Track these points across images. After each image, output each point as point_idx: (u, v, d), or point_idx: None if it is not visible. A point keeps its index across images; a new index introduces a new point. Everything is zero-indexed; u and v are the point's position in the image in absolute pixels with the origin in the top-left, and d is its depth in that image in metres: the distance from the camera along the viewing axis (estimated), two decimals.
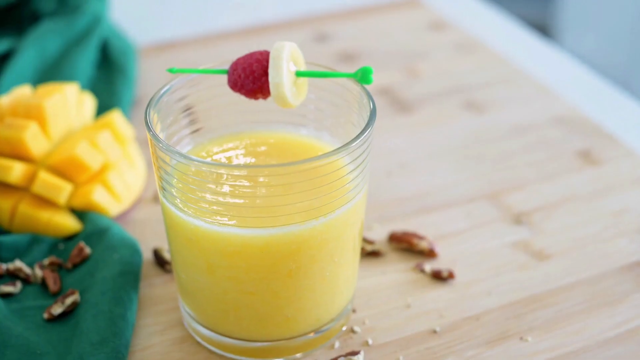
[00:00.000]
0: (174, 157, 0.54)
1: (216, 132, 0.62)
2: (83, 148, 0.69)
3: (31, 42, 0.87)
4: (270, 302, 0.57)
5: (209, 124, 0.62)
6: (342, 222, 0.56)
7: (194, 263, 0.57)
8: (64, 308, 0.62)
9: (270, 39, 0.97)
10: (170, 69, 0.58)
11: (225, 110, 0.62)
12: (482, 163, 0.78)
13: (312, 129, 0.62)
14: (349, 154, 0.54)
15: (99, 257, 0.65)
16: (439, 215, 0.72)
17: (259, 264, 0.55)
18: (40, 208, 0.69)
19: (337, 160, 0.54)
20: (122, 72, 0.85)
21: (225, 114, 0.62)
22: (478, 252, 0.68)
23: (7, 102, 0.72)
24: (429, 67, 0.91)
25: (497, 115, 0.84)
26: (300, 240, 0.55)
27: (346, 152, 0.54)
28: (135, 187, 0.73)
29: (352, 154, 0.54)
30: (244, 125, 0.63)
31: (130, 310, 0.61)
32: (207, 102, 0.61)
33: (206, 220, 0.55)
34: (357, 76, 0.56)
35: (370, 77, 0.56)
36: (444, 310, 0.63)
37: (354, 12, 1.03)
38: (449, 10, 1.04)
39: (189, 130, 0.61)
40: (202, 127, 0.62)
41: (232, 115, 0.62)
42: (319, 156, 0.53)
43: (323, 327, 0.60)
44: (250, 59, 0.57)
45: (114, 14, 0.99)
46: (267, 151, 0.61)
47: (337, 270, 0.58)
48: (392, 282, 0.65)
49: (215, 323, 0.59)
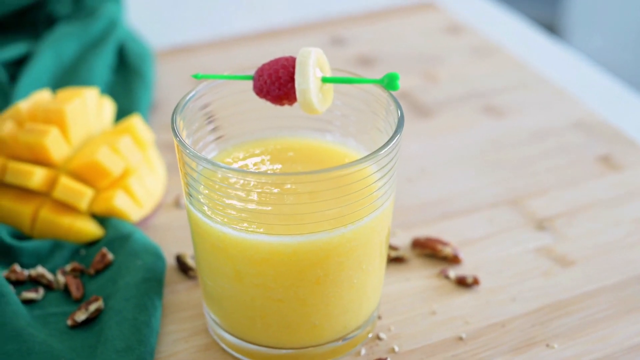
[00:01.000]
0: (201, 163, 0.54)
1: (240, 138, 0.62)
2: (104, 153, 0.68)
3: (48, 46, 0.86)
4: (297, 310, 0.57)
5: (233, 130, 0.62)
6: (371, 229, 0.56)
7: (220, 270, 0.57)
8: (87, 315, 0.62)
9: (286, 43, 0.97)
10: (195, 75, 0.58)
11: (250, 116, 0.62)
12: (503, 168, 0.77)
13: (337, 135, 0.62)
14: (378, 161, 0.54)
15: (121, 263, 0.65)
16: (462, 221, 0.71)
17: (287, 272, 0.55)
18: (61, 213, 0.68)
19: (367, 167, 0.53)
20: (139, 76, 0.85)
21: (249, 120, 0.62)
22: (501, 258, 0.68)
23: (27, 107, 0.72)
24: (446, 72, 0.91)
25: (516, 120, 0.84)
26: (329, 247, 0.55)
27: (376, 159, 0.53)
28: (155, 192, 0.72)
29: (381, 161, 0.54)
30: (268, 131, 0.63)
31: (155, 317, 0.61)
32: (231, 108, 0.61)
33: (234, 228, 0.54)
34: (383, 82, 0.56)
35: (397, 83, 0.56)
36: (469, 317, 0.63)
37: (369, 16, 1.03)
38: (464, 13, 1.04)
39: (214, 136, 0.61)
40: (227, 133, 0.62)
41: (257, 121, 0.62)
42: (349, 164, 0.52)
43: (350, 334, 0.59)
44: (276, 65, 0.57)
45: (129, 17, 0.99)
46: (293, 157, 0.61)
47: (364, 278, 0.57)
48: (416, 288, 0.65)
49: (241, 330, 0.59)
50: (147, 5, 1.06)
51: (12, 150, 0.70)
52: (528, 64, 0.93)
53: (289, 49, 0.96)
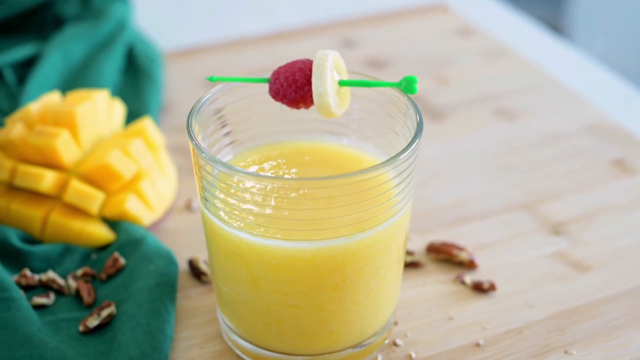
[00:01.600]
0: (218, 167, 0.53)
1: (255, 142, 0.61)
2: (115, 156, 0.67)
3: (56, 47, 0.85)
4: (314, 316, 0.56)
5: (248, 133, 0.61)
6: (389, 234, 0.55)
7: (236, 275, 0.56)
8: (99, 320, 0.61)
9: (295, 44, 0.96)
10: (210, 77, 0.57)
11: (265, 119, 0.61)
12: (517, 172, 0.77)
13: (354, 138, 0.61)
14: (397, 165, 0.53)
15: (134, 268, 0.64)
16: (476, 225, 0.71)
17: (304, 277, 0.54)
18: (72, 217, 0.67)
19: (386, 172, 0.53)
20: (149, 78, 0.84)
21: (264, 123, 0.61)
22: (517, 263, 0.67)
23: (37, 109, 0.71)
24: (457, 74, 0.90)
25: (529, 123, 0.83)
26: (347, 253, 0.54)
27: (395, 164, 0.52)
28: (167, 195, 0.71)
29: (400, 166, 0.53)
30: (283, 134, 0.62)
31: (169, 323, 0.60)
32: (246, 111, 0.60)
33: (251, 233, 0.53)
34: (401, 85, 0.55)
35: (415, 86, 0.55)
36: (486, 323, 0.62)
37: (378, 18, 1.02)
38: (474, 16, 1.03)
39: (229, 139, 0.60)
40: (242, 136, 0.61)
41: (272, 124, 0.61)
42: (369, 169, 0.52)
43: (366, 340, 0.59)
44: (293, 68, 0.56)
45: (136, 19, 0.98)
46: (309, 161, 0.60)
47: (382, 283, 0.57)
48: (432, 293, 0.64)
49: (257, 336, 0.58)
50: (155, 7, 1.05)
51: (22, 153, 0.69)
52: (539, 67, 0.92)
53: (299, 51, 0.95)
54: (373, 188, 0.53)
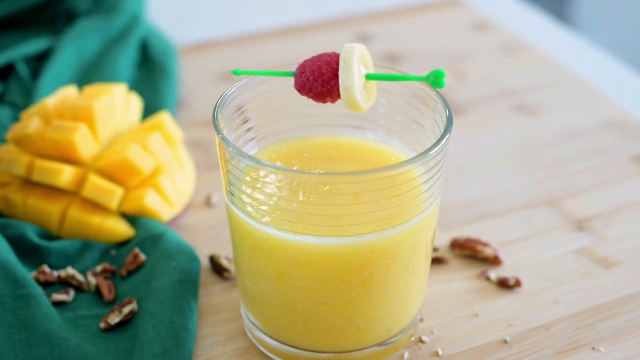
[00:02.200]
0: (245, 160, 0.52)
1: (280, 136, 0.60)
2: (135, 151, 0.66)
3: (69, 41, 0.84)
4: (342, 313, 0.55)
5: (272, 127, 0.60)
6: (418, 230, 0.54)
7: (263, 272, 0.55)
8: (121, 317, 0.60)
9: (310, 39, 0.96)
10: (235, 71, 0.56)
11: (290, 113, 0.60)
12: (538, 168, 0.76)
13: (380, 133, 0.60)
14: (428, 161, 0.52)
15: (154, 264, 0.63)
16: (499, 221, 0.70)
17: (332, 274, 0.53)
18: (90, 213, 0.66)
19: (418, 168, 0.52)
20: (164, 72, 0.83)
21: (289, 118, 0.60)
22: (542, 260, 0.66)
23: (53, 103, 0.70)
24: (475, 69, 0.90)
25: (548, 119, 0.83)
26: (376, 249, 0.53)
27: (426, 159, 0.52)
28: (185, 191, 0.70)
29: (431, 161, 0.52)
30: (307, 129, 0.61)
31: (192, 320, 0.59)
32: (271, 105, 0.59)
33: (279, 228, 0.53)
34: (429, 79, 0.55)
35: (443, 80, 0.54)
36: (512, 320, 0.61)
37: (393, 12, 1.01)
38: (489, 10, 1.02)
39: (253, 133, 0.59)
40: (266, 130, 0.60)
41: (296, 118, 0.60)
42: (400, 164, 0.51)
43: (393, 337, 0.58)
44: (319, 61, 0.55)
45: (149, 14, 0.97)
46: (335, 156, 0.59)
47: (410, 279, 0.56)
48: (457, 290, 0.64)
49: (282, 333, 0.57)
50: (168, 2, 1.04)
51: (39, 147, 0.68)
52: (557, 62, 0.91)
53: (314, 45, 0.94)
54: (404, 183, 0.52)
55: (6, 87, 0.82)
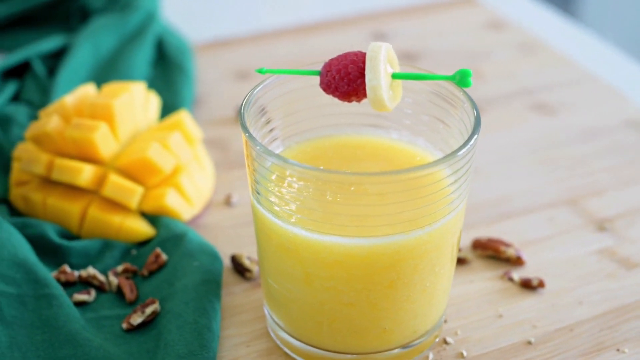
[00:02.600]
0: (272, 159, 0.51)
1: (304, 135, 0.60)
2: (155, 150, 0.66)
3: (85, 39, 0.84)
4: (368, 314, 0.55)
5: (297, 126, 0.60)
6: (446, 230, 0.54)
7: (289, 272, 0.55)
8: (143, 318, 0.59)
9: (326, 37, 0.95)
10: (260, 70, 0.56)
11: (314, 112, 0.60)
12: (558, 168, 0.76)
13: (405, 133, 0.60)
14: (457, 161, 0.52)
15: (176, 264, 0.63)
16: (520, 221, 0.70)
17: (360, 275, 0.53)
18: (111, 212, 0.66)
19: (447, 168, 0.52)
20: (181, 70, 0.83)
21: (313, 117, 0.60)
22: (564, 260, 0.66)
23: (72, 102, 0.70)
24: (492, 68, 0.89)
25: (567, 118, 0.82)
26: (404, 250, 0.53)
27: (454, 160, 0.51)
28: (205, 190, 0.70)
29: (459, 162, 0.52)
30: (331, 128, 0.61)
31: (215, 321, 0.59)
32: (296, 104, 0.59)
33: (306, 228, 0.52)
34: (455, 79, 0.54)
35: (470, 80, 0.54)
36: (536, 321, 0.61)
37: (408, 11, 1.01)
38: (504, 9, 1.02)
39: (278, 132, 0.59)
40: (291, 129, 0.59)
41: (321, 118, 0.60)
42: (428, 164, 0.50)
43: (418, 339, 0.57)
44: (345, 60, 0.54)
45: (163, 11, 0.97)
46: (361, 156, 0.59)
47: (436, 280, 0.55)
48: (480, 290, 0.63)
49: (307, 334, 0.57)
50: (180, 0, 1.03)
51: (58, 146, 0.67)
52: (574, 60, 0.91)
53: (330, 43, 0.94)
54: (433, 184, 0.51)
55: (22, 85, 0.82)
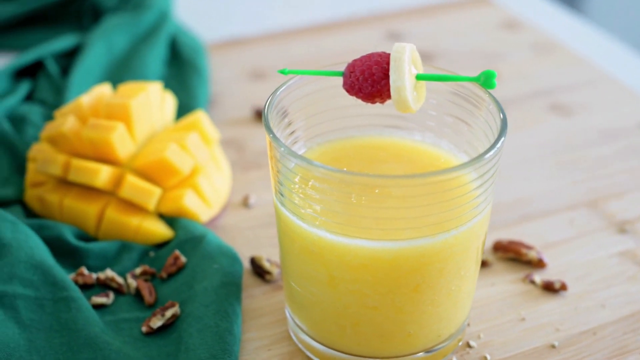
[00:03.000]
0: (296, 161, 0.51)
1: (325, 137, 0.59)
2: (173, 151, 0.65)
3: (98, 38, 0.83)
4: (393, 318, 0.54)
5: (319, 127, 0.59)
6: (472, 233, 0.53)
7: (313, 275, 0.54)
8: (163, 321, 0.59)
9: (340, 36, 0.94)
10: (282, 70, 0.55)
11: (336, 113, 0.59)
12: (577, 169, 0.75)
13: (429, 134, 0.59)
14: (483, 165, 0.51)
15: (196, 266, 0.62)
16: (541, 223, 0.69)
17: (385, 278, 0.52)
18: (128, 213, 0.65)
19: (474, 171, 0.51)
20: (195, 70, 0.82)
21: (335, 118, 0.59)
22: (586, 263, 0.65)
23: (88, 102, 0.69)
24: (508, 68, 0.88)
25: (585, 119, 0.82)
26: (430, 253, 0.52)
27: (481, 163, 0.51)
28: (222, 191, 0.69)
29: (486, 165, 0.51)
30: (353, 130, 0.60)
31: (237, 324, 0.58)
32: (317, 105, 0.58)
33: (331, 231, 0.52)
34: (479, 80, 0.54)
35: (494, 81, 0.53)
36: (559, 324, 0.60)
37: (422, 10, 1.00)
38: (518, 9, 1.01)
39: (300, 133, 0.58)
40: (313, 130, 0.59)
41: (343, 119, 0.59)
42: (458, 167, 0.50)
43: (442, 342, 0.57)
44: (369, 61, 0.54)
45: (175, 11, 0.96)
46: (385, 158, 0.58)
47: (461, 284, 0.55)
48: (502, 293, 0.63)
49: (330, 338, 0.56)
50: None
51: (74, 146, 0.67)
52: (591, 61, 0.90)
53: (345, 43, 0.93)
54: (459, 187, 0.51)
55: (35, 85, 0.81)
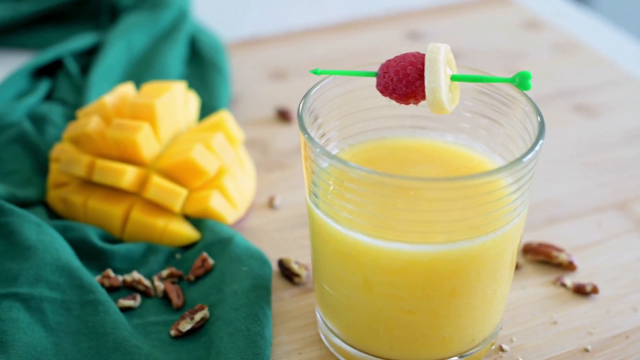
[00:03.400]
0: (332, 161, 0.50)
1: (357, 138, 0.59)
2: (199, 151, 0.65)
3: (118, 37, 0.82)
4: (428, 322, 0.53)
5: (351, 129, 0.58)
6: (509, 236, 0.52)
7: (347, 278, 0.53)
8: (192, 324, 0.58)
9: (360, 36, 0.94)
10: (314, 70, 0.54)
11: (367, 114, 0.58)
12: (603, 171, 0.74)
13: (462, 136, 0.58)
14: (522, 168, 0.50)
15: (224, 269, 0.61)
16: (569, 225, 0.68)
17: (422, 282, 0.52)
18: (154, 215, 0.64)
19: (513, 174, 0.50)
20: (216, 69, 0.81)
21: (367, 119, 0.58)
22: (616, 265, 0.65)
23: (112, 101, 0.68)
24: (530, 68, 0.88)
25: (610, 119, 0.81)
26: (468, 257, 0.51)
27: (520, 166, 0.50)
28: (248, 192, 0.69)
29: (525, 168, 0.51)
30: (384, 131, 0.59)
31: (267, 328, 0.57)
32: (349, 106, 0.57)
33: (368, 234, 0.51)
34: (514, 81, 0.53)
35: (529, 82, 0.53)
36: (592, 328, 0.60)
37: (443, 9, 0.99)
38: (538, 8, 1.00)
39: (332, 134, 0.57)
40: (345, 131, 0.58)
41: (374, 120, 0.59)
42: (496, 170, 0.49)
43: (476, 347, 0.56)
44: (404, 62, 0.53)
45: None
46: (417, 159, 0.58)
47: (497, 288, 0.54)
48: (533, 296, 0.62)
49: (363, 341, 0.55)
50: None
51: (99, 147, 0.66)
52: (614, 61, 0.90)
53: (365, 42, 0.93)
54: (499, 190, 0.50)
55: (55, 84, 0.80)
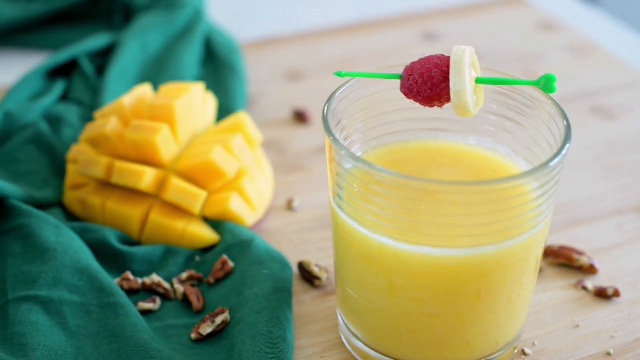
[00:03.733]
0: (356, 164, 0.50)
1: (380, 140, 0.58)
2: (218, 153, 0.64)
3: (132, 37, 0.82)
4: (452, 325, 0.53)
5: (374, 131, 0.58)
6: (535, 241, 0.52)
7: (371, 282, 0.53)
8: (213, 327, 0.57)
9: (375, 36, 0.93)
10: (338, 72, 0.54)
11: (390, 116, 0.58)
12: (622, 173, 0.74)
13: (486, 139, 0.58)
14: (549, 172, 0.50)
15: (244, 271, 0.61)
16: (589, 228, 0.68)
17: (447, 285, 0.51)
18: (173, 217, 0.64)
19: (540, 178, 0.50)
20: (231, 70, 0.81)
21: (390, 121, 0.58)
22: (637, 268, 0.64)
23: (129, 102, 0.68)
24: (547, 70, 0.87)
25: (628, 121, 0.81)
26: (494, 260, 0.51)
27: (546, 170, 0.50)
28: (266, 194, 0.68)
29: (551, 172, 0.50)
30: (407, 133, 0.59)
31: (289, 331, 0.57)
32: (372, 108, 0.57)
33: (394, 238, 0.50)
34: (539, 84, 0.53)
35: (554, 85, 0.52)
36: (614, 331, 0.59)
37: (458, 10, 0.99)
38: (553, 9, 1.00)
39: (355, 136, 0.57)
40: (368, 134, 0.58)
41: (398, 122, 0.58)
42: (523, 174, 0.49)
43: (499, 350, 0.56)
44: (428, 64, 0.53)
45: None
46: (441, 162, 0.57)
47: (521, 292, 0.54)
48: (554, 299, 0.62)
49: (386, 345, 0.55)
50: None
51: (116, 148, 0.66)
52: (631, 63, 0.89)
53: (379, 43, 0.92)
54: (525, 194, 0.50)
55: (70, 84, 0.80)
